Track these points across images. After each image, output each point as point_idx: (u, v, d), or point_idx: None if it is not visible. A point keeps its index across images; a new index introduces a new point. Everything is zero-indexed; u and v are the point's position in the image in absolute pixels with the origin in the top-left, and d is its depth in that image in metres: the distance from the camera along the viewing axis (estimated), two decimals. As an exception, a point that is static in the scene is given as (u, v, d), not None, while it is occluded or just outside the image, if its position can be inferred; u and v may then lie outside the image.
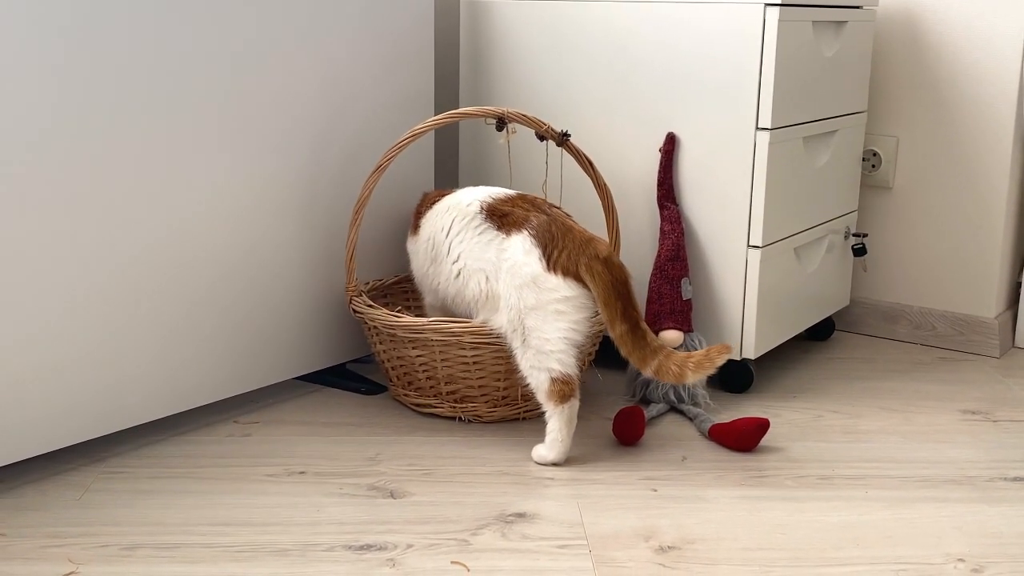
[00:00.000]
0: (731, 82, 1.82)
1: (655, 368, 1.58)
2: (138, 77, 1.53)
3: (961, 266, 2.20)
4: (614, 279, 1.59)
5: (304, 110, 1.77)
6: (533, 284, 1.62)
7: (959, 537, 1.42)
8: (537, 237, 1.64)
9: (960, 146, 2.16)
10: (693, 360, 1.57)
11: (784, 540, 1.40)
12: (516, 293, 1.63)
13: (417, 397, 1.79)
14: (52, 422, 1.51)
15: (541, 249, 1.63)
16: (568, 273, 1.61)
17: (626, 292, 1.60)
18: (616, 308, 1.59)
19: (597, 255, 1.61)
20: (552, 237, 1.63)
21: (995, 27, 2.08)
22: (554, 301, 1.62)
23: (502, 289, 1.66)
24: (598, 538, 1.40)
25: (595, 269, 1.60)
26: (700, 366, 1.57)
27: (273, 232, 1.76)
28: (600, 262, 1.60)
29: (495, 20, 2.04)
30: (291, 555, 1.34)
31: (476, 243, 1.70)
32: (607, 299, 1.59)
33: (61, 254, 1.49)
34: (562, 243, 1.63)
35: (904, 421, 1.81)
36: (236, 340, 1.73)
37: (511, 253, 1.65)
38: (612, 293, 1.59)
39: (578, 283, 1.62)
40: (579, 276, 1.61)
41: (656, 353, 1.59)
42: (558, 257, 1.62)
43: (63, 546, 1.35)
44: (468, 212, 1.72)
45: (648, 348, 1.59)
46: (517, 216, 1.67)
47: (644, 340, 1.59)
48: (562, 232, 1.64)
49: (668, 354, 1.58)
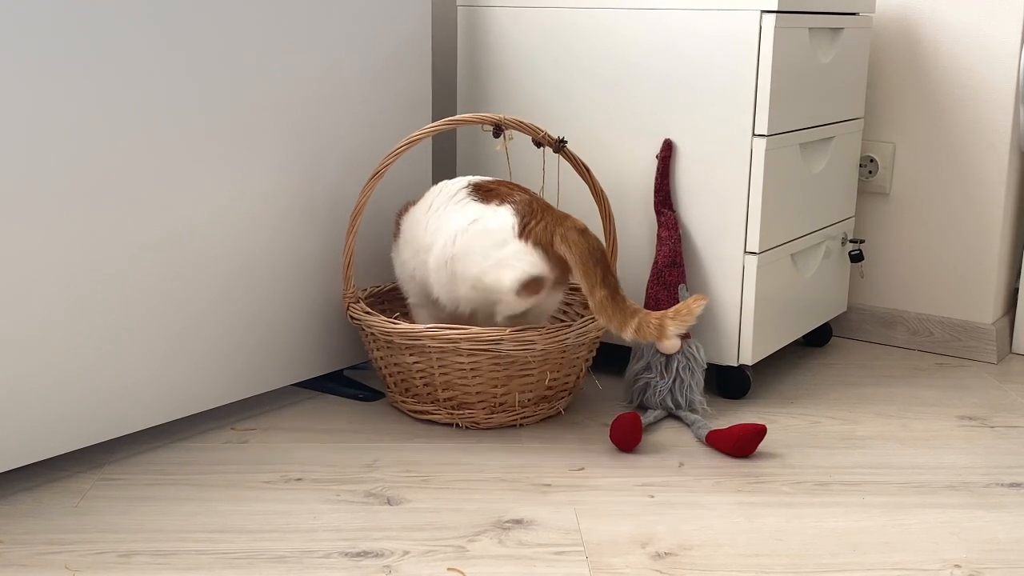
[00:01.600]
0: (728, 89, 1.82)
1: (635, 327, 1.62)
2: (137, 84, 1.54)
3: (958, 272, 2.20)
4: (590, 247, 1.64)
5: (301, 116, 1.77)
6: (502, 245, 1.67)
7: (956, 543, 1.42)
8: (518, 210, 1.69)
9: (957, 152, 2.16)
10: (672, 311, 1.61)
11: (781, 546, 1.40)
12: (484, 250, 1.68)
13: (414, 404, 1.80)
14: (49, 429, 1.51)
15: (519, 218, 1.68)
16: (539, 243, 1.66)
17: (603, 259, 1.64)
18: (595, 274, 1.63)
19: (574, 226, 1.66)
20: (532, 211, 1.68)
21: (991, 34, 2.08)
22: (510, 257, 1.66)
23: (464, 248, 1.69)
24: (595, 544, 1.40)
25: (571, 239, 1.64)
26: (680, 315, 1.61)
27: (270, 238, 1.76)
28: (576, 231, 1.65)
29: (492, 27, 2.05)
30: (288, 562, 1.34)
31: (453, 211, 1.73)
32: (586, 266, 1.63)
33: (56, 261, 1.49)
34: (540, 215, 1.68)
35: (901, 427, 1.82)
36: (233, 347, 1.73)
37: (488, 215, 1.69)
38: (590, 260, 1.63)
39: (544, 255, 1.66)
40: (548, 248, 1.66)
41: (635, 314, 1.62)
42: (534, 227, 1.67)
43: (60, 553, 1.35)
44: (453, 189, 1.76)
45: (627, 311, 1.63)
46: (501, 192, 1.72)
47: (624, 304, 1.63)
48: (542, 207, 1.69)
49: (646, 312, 1.62)
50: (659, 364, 1.82)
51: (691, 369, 1.82)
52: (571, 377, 1.80)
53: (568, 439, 1.74)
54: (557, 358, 1.74)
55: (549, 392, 1.78)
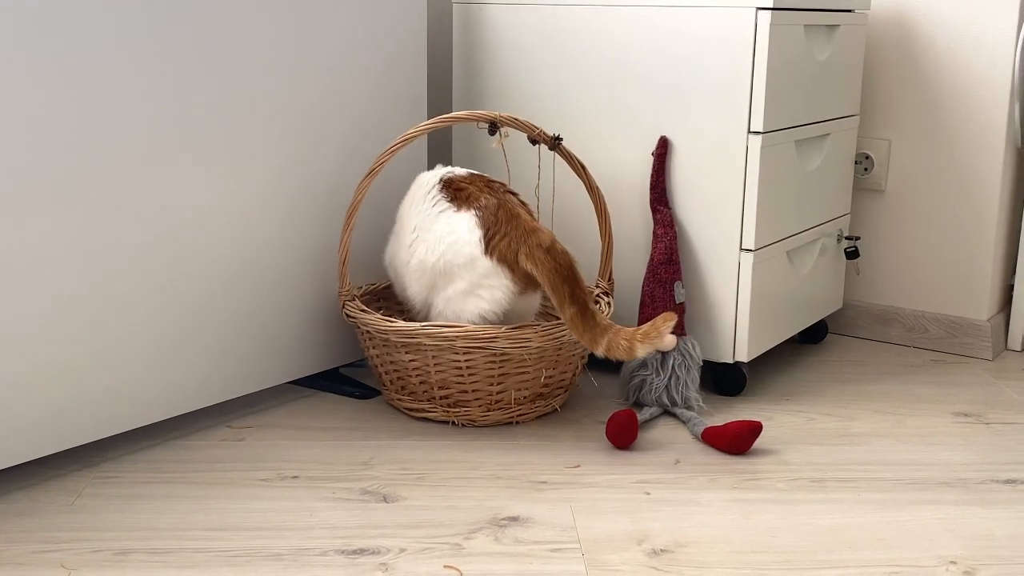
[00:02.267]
0: (723, 86, 1.82)
1: (606, 346, 1.63)
2: (132, 84, 1.53)
3: (954, 269, 2.20)
4: (557, 264, 1.65)
5: (297, 114, 1.77)
6: (470, 265, 1.69)
7: (951, 539, 1.42)
8: (482, 219, 1.70)
9: (952, 149, 2.16)
10: (641, 332, 1.62)
11: (776, 543, 1.40)
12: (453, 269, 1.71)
13: (410, 401, 1.80)
14: (45, 427, 1.51)
15: (483, 231, 1.69)
16: (503, 260, 1.68)
17: (572, 276, 1.65)
18: (564, 292, 1.64)
19: (539, 244, 1.66)
20: (496, 221, 1.69)
21: (986, 30, 2.09)
22: (479, 285, 1.70)
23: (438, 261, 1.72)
24: (591, 541, 1.40)
25: (537, 257, 1.65)
26: (648, 337, 1.62)
27: (266, 236, 1.76)
28: (542, 251, 1.66)
29: (488, 24, 2.05)
30: (284, 559, 1.34)
31: (429, 214, 1.75)
32: (553, 284, 1.64)
33: (53, 259, 1.48)
34: (504, 229, 1.69)
35: (897, 424, 1.82)
36: (229, 344, 1.73)
37: (455, 227, 1.71)
38: (557, 278, 1.64)
39: (509, 272, 1.68)
40: (513, 264, 1.68)
41: (606, 331, 1.63)
42: (498, 243, 1.68)
43: (56, 551, 1.35)
44: (429, 183, 1.78)
45: (598, 328, 1.63)
46: (470, 193, 1.73)
47: (593, 320, 1.64)
48: (507, 218, 1.69)
49: (617, 330, 1.63)
50: (655, 361, 1.82)
51: (687, 366, 1.82)
52: (567, 374, 1.81)
53: (564, 436, 1.74)
54: (553, 355, 1.74)
55: (545, 389, 1.79)
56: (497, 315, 1.72)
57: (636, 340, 1.61)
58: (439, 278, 1.73)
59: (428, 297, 1.77)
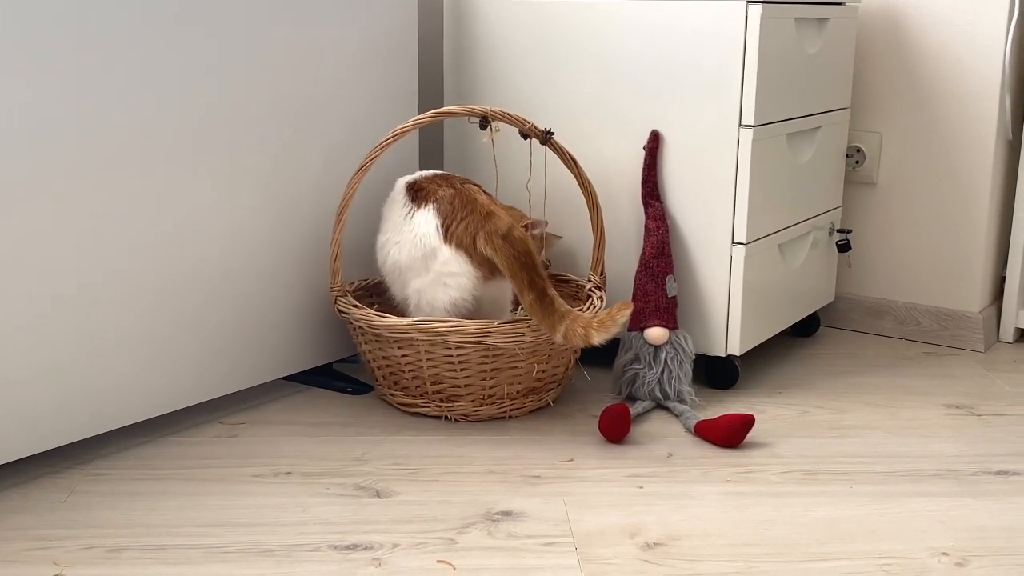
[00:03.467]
0: (714, 79, 1.82)
1: (563, 333, 1.63)
2: (126, 82, 1.53)
3: (945, 261, 2.21)
4: (516, 252, 1.65)
5: (288, 110, 1.77)
6: (432, 255, 1.71)
7: (943, 531, 1.42)
8: (439, 209, 1.71)
9: (943, 141, 2.17)
10: (597, 320, 1.63)
11: (769, 536, 1.40)
12: (418, 263, 1.72)
13: (403, 397, 1.80)
14: (37, 424, 1.51)
15: (440, 220, 1.71)
16: (461, 246, 1.69)
17: (530, 262, 1.65)
18: (523, 279, 1.64)
19: (496, 230, 1.67)
20: (453, 209, 1.70)
21: (977, 22, 2.09)
22: (444, 274, 1.71)
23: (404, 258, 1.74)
24: (584, 535, 1.40)
25: (495, 244, 1.66)
26: (603, 325, 1.62)
27: (257, 233, 1.76)
28: (499, 236, 1.66)
29: (479, 18, 2.05)
30: (277, 555, 1.34)
31: (399, 218, 1.78)
32: (512, 271, 1.65)
33: (44, 257, 1.48)
34: (461, 215, 1.70)
35: (889, 416, 1.82)
36: (222, 341, 1.73)
37: (416, 223, 1.73)
38: (516, 264, 1.65)
39: (468, 257, 1.69)
40: (471, 250, 1.68)
41: (564, 318, 1.63)
42: (455, 229, 1.70)
43: (48, 548, 1.35)
44: (399, 188, 1.81)
45: (556, 314, 1.64)
46: (429, 191, 1.75)
47: (552, 307, 1.64)
48: (462, 205, 1.71)
49: (574, 317, 1.63)
50: (647, 355, 1.82)
51: (679, 360, 1.83)
52: (560, 369, 1.81)
53: (557, 431, 1.74)
54: (545, 350, 1.74)
55: (538, 384, 1.79)
56: (468, 302, 1.73)
57: (592, 328, 1.62)
58: (408, 274, 1.75)
59: (401, 294, 1.79)
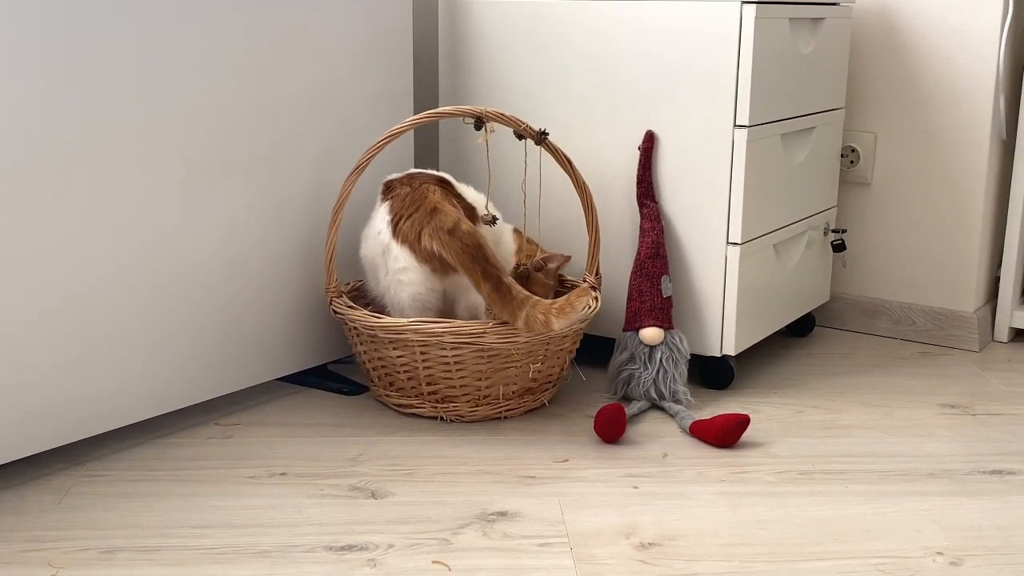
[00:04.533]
0: (709, 80, 1.82)
1: (524, 320, 1.64)
2: (121, 83, 1.53)
3: (940, 261, 2.21)
4: (464, 245, 1.66)
5: (282, 110, 1.77)
6: (386, 252, 1.73)
7: (938, 530, 1.42)
8: (392, 207, 1.73)
9: (938, 141, 2.17)
10: (556, 307, 1.64)
11: (764, 535, 1.40)
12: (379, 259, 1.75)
13: (398, 397, 1.79)
14: (31, 425, 1.51)
15: (391, 216, 1.73)
16: (406, 241, 1.71)
17: (480, 254, 1.66)
18: (475, 271, 1.65)
19: (441, 226, 1.68)
20: (403, 206, 1.72)
21: (971, 22, 2.09)
22: (397, 271, 1.72)
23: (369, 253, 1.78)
24: (579, 536, 1.40)
25: (441, 239, 1.68)
26: (563, 312, 1.64)
27: (252, 234, 1.76)
28: (445, 232, 1.68)
29: (474, 19, 2.05)
30: (272, 556, 1.34)
31: (373, 212, 1.80)
32: (463, 264, 1.66)
33: (39, 259, 1.48)
34: (408, 212, 1.71)
35: (884, 416, 1.82)
36: (217, 342, 1.73)
37: (375, 219, 1.76)
38: (466, 258, 1.66)
39: (413, 253, 1.70)
40: (415, 245, 1.70)
41: (523, 305, 1.64)
42: (402, 226, 1.71)
43: (43, 550, 1.35)
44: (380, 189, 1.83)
45: (515, 301, 1.65)
46: (393, 188, 1.77)
47: (510, 295, 1.65)
48: (412, 202, 1.72)
49: (534, 304, 1.64)
50: (643, 355, 1.82)
51: (674, 360, 1.83)
52: (555, 369, 1.81)
53: (552, 431, 1.74)
54: (541, 350, 1.74)
55: (533, 384, 1.79)
56: (426, 296, 1.74)
57: (552, 314, 1.63)
58: (376, 270, 1.77)
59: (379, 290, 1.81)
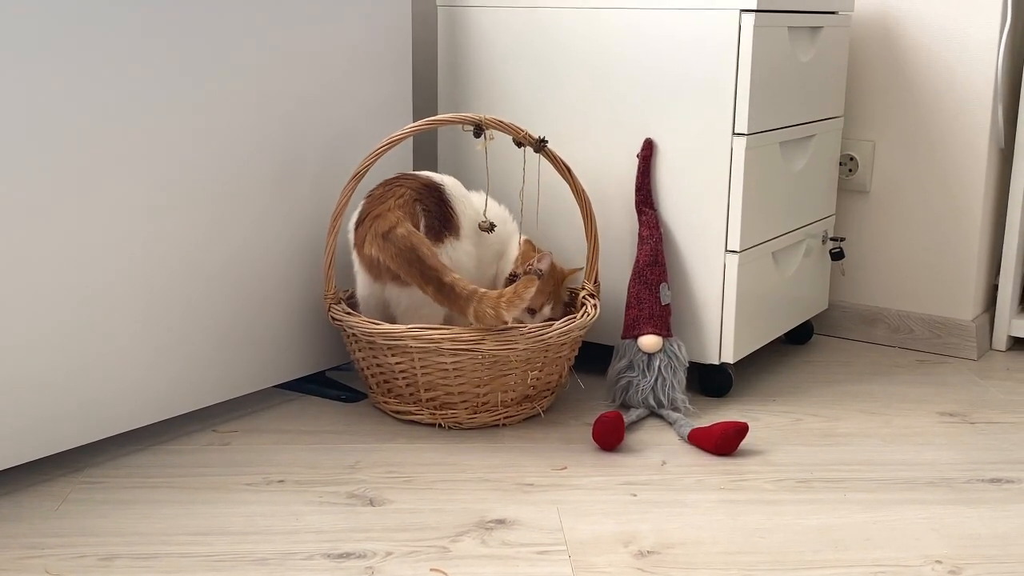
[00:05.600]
0: (708, 88, 1.83)
1: (473, 315, 1.66)
2: (119, 88, 1.53)
3: (938, 269, 2.21)
4: (398, 249, 1.68)
5: (281, 118, 1.77)
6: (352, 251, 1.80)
7: (937, 539, 1.42)
8: (362, 207, 1.78)
9: (936, 150, 2.17)
10: (504, 299, 1.65)
11: (763, 543, 1.40)
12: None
13: (397, 404, 1.79)
14: (30, 432, 1.50)
15: (357, 218, 1.78)
16: (355, 245, 1.76)
17: (415, 256, 1.68)
18: (414, 274, 1.68)
19: (377, 231, 1.71)
20: (365, 211, 1.76)
21: (969, 31, 2.09)
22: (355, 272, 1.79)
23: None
24: (577, 543, 1.40)
25: (379, 245, 1.71)
26: (511, 303, 1.65)
27: (251, 240, 1.76)
28: (381, 238, 1.71)
29: (473, 27, 2.05)
30: (270, 564, 1.34)
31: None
32: (403, 269, 1.69)
33: (37, 265, 1.48)
34: (364, 216, 1.75)
35: (882, 424, 1.82)
36: (215, 349, 1.73)
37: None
38: (403, 263, 1.68)
39: (359, 257, 1.75)
40: (360, 251, 1.74)
41: (470, 300, 1.66)
42: (357, 231, 1.76)
43: (41, 557, 1.34)
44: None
45: (461, 299, 1.66)
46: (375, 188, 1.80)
47: (455, 293, 1.66)
48: (369, 206, 1.75)
49: (480, 298, 1.65)
50: (641, 363, 1.82)
51: (673, 367, 1.83)
52: (553, 376, 1.81)
53: (551, 438, 1.74)
54: (539, 357, 1.74)
55: (532, 391, 1.79)
56: (367, 300, 1.78)
57: (500, 307, 1.64)
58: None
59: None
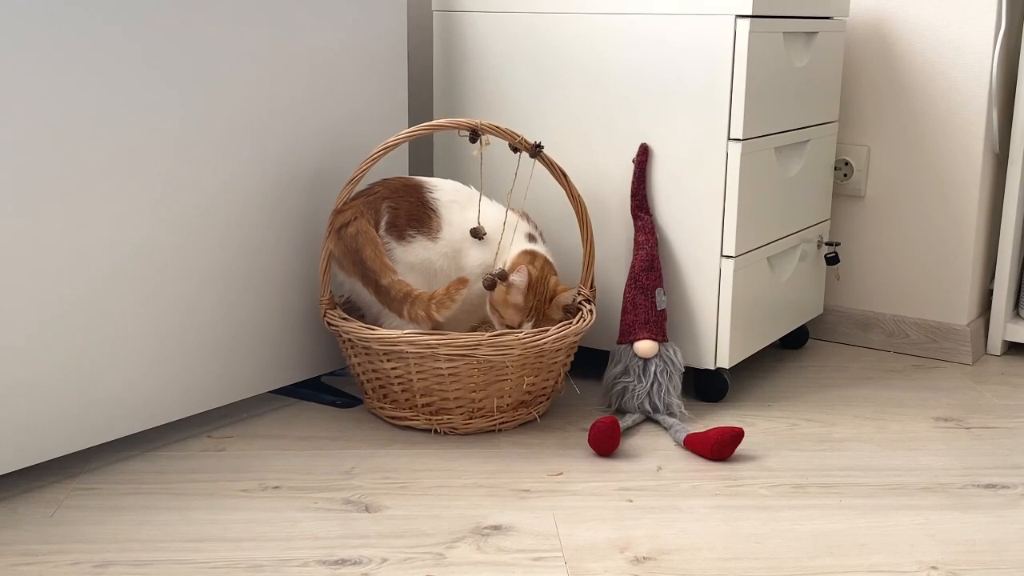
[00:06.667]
0: (703, 93, 1.83)
1: (408, 317, 1.70)
2: (118, 92, 1.53)
3: (933, 274, 2.21)
4: (346, 248, 1.73)
5: (277, 123, 1.77)
6: None
7: (932, 544, 1.42)
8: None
9: (931, 155, 2.17)
10: (435, 301, 1.68)
11: (759, 549, 1.40)
12: None
13: (392, 410, 1.79)
14: (24, 439, 1.50)
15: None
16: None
17: (358, 258, 1.72)
18: (358, 274, 1.72)
19: (333, 227, 1.75)
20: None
21: (964, 37, 2.10)
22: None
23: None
24: (573, 549, 1.40)
25: (334, 240, 1.74)
26: (442, 304, 1.68)
27: (246, 245, 1.76)
28: (335, 234, 1.75)
29: (468, 32, 2.05)
30: (265, 570, 1.33)
31: None
32: (345, 268, 1.74)
33: (31, 271, 1.48)
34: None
35: (878, 429, 1.82)
36: (210, 354, 1.73)
37: None
38: (348, 260, 1.73)
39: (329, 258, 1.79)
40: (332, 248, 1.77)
41: (404, 303, 1.70)
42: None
43: (35, 564, 1.34)
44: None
45: (396, 300, 1.71)
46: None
47: (389, 295, 1.71)
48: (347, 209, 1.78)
49: (413, 300, 1.69)
50: (637, 368, 1.82)
51: (668, 373, 1.83)
52: (549, 382, 1.80)
53: (546, 444, 1.74)
54: (535, 363, 1.74)
55: (527, 397, 1.78)
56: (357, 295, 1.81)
57: (432, 309, 1.68)
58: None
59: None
